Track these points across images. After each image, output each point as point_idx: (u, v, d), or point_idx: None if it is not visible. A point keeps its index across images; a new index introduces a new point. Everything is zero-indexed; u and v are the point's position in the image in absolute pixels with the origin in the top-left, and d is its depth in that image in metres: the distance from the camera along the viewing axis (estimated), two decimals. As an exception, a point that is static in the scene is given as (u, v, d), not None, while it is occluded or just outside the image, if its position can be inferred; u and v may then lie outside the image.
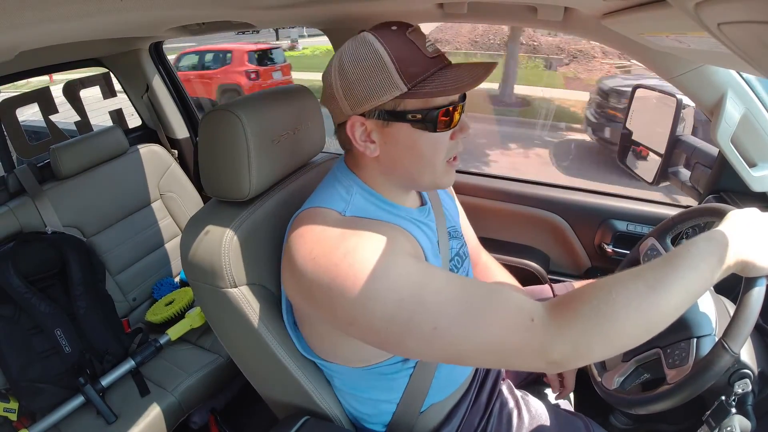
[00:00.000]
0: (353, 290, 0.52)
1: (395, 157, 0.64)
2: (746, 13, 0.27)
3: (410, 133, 0.61)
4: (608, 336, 0.50)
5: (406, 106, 0.59)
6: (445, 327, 0.52)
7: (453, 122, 0.62)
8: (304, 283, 0.57)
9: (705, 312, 0.71)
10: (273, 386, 0.83)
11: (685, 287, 0.51)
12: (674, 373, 0.65)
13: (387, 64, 0.57)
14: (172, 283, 1.63)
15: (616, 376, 0.74)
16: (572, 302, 0.52)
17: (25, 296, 1.15)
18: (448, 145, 0.64)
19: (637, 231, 1.23)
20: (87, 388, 1.14)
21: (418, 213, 0.72)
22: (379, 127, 0.62)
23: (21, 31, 0.62)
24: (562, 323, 0.51)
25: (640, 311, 0.50)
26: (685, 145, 1.02)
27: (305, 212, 0.64)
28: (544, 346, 0.50)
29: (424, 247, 0.66)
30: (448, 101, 0.61)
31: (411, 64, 0.58)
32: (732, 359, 0.57)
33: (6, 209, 1.30)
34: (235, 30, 1.26)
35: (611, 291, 0.51)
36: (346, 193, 0.65)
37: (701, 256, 0.53)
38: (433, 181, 0.66)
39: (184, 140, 1.86)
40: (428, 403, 0.77)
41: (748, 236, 0.57)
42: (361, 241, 0.56)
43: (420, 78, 0.58)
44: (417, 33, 0.61)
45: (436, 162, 0.64)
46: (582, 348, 0.50)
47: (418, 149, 0.62)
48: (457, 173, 0.71)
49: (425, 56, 0.59)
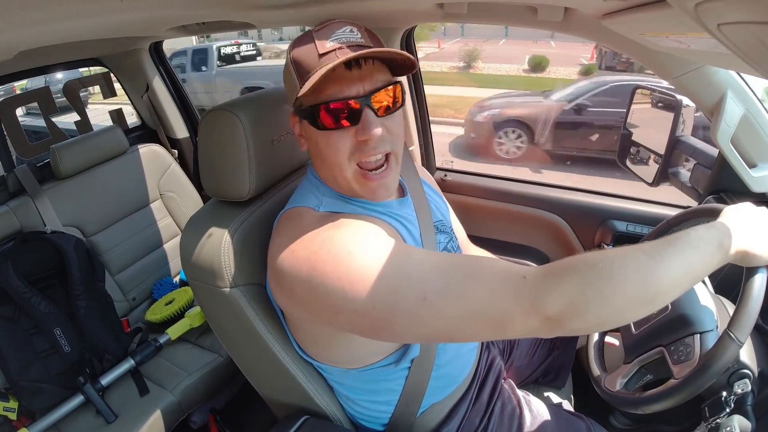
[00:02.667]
0: (333, 275, 0.52)
1: (314, 155, 0.67)
2: (746, 14, 0.27)
3: (309, 130, 0.63)
4: (605, 296, 0.48)
5: (304, 104, 0.61)
6: (433, 297, 0.50)
7: (341, 120, 0.59)
8: (284, 280, 0.57)
9: (706, 308, 0.71)
10: (272, 386, 0.83)
11: (684, 264, 0.51)
12: (680, 369, 0.65)
13: (290, 65, 0.61)
14: (172, 283, 1.63)
15: (620, 378, 0.74)
16: (567, 261, 0.51)
17: (24, 296, 1.15)
18: (349, 145, 0.61)
19: (636, 231, 1.23)
20: (87, 388, 1.14)
21: (397, 205, 0.71)
22: (303, 126, 0.65)
23: (21, 30, 0.62)
24: (557, 277, 0.49)
25: (638, 275, 0.48)
26: (685, 146, 1.02)
27: (283, 215, 0.66)
28: (538, 300, 0.48)
29: (404, 236, 0.67)
30: (333, 96, 0.58)
31: (303, 63, 0.59)
32: (739, 348, 0.58)
33: (6, 209, 1.30)
34: (235, 30, 1.26)
35: (608, 255, 0.50)
36: (318, 191, 0.67)
37: (701, 239, 0.53)
38: (348, 184, 0.64)
39: (184, 140, 1.86)
40: (428, 403, 0.77)
41: (746, 228, 0.58)
42: (338, 229, 0.57)
43: (308, 75, 0.58)
44: (325, 29, 0.60)
45: (340, 162, 0.62)
46: (578, 303, 0.48)
47: (318, 146, 0.63)
48: (456, 173, 0.71)
49: (316, 53, 0.58)
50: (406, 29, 1.22)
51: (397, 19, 1.12)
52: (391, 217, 0.68)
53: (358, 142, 0.60)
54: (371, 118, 0.59)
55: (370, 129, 0.59)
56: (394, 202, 0.71)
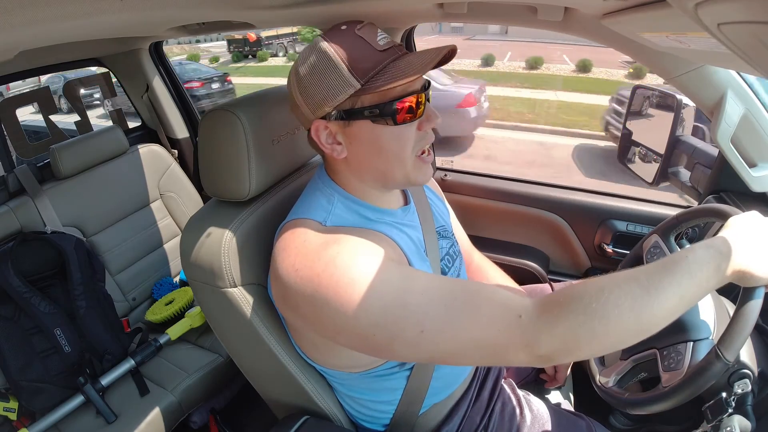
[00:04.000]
0: (336, 300, 0.53)
1: (362, 156, 0.63)
2: (746, 14, 0.27)
3: (372, 129, 0.60)
4: (597, 334, 0.49)
5: (363, 103, 0.59)
6: (431, 329, 0.52)
7: (416, 113, 0.61)
8: (289, 296, 0.57)
9: (704, 315, 0.70)
10: (272, 386, 0.83)
11: (679, 293, 0.51)
12: (668, 377, 0.65)
13: (338, 64, 0.57)
14: (172, 283, 1.63)
15: (614, 374, 0.74)
16: (562, 299, 0.52)
17: (24, 296, 1.15)
18: (415, 136, 0.63)
19: (636, 231, 1.23)
20: (87, 388, 1.14)
21: (402, 213, 0.71)
22: (341, 128, 0.62)
23: (21, 30, 0.62)
24: (550, 319, 0.50)
25: (631, 312, 0.49)
26: (685, 146, 1.02)
27: (288, 224, 0.64)
28: (531, 341, 0.50)
29: (407, 251, 0.66)
30: (407, 91, 0.59)
31: (361, 60, 0.58)
32: (725, 367, 0.57)
33: (6, 209, 1.30)
34: (235, 30, 1.26)
35: (603, 290, 0.50)
36: (327, 202, 0.65)
37: (698, 264, 0.53)
38: (406, 177, 0.65)
39: (184, 140, 1.86)
40: (429, 403, 0.77)
41: (748, 245, 0.56)
42: (341, 250, 0.56)
43: (372, 72, 0.58)
44: (367, 28, 0.60)
45: (404, 156, 0.63)
46: (570, 344, 0.50)
47: (382, 145, 0.61)
48: (456, 173, 0.71)
49: (376, 50, 0.59)
50: (407, 29, 1.22)
51: (398, 19, 1.12)
52: (397, 228, 0.68)
53: (421, 132, 0.63)
54: (432, 108, 0.63)
55: (436, 117, 0.63)
56: (399, 210, 0.71)
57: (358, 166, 0.65)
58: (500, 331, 0.51)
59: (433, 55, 0.57)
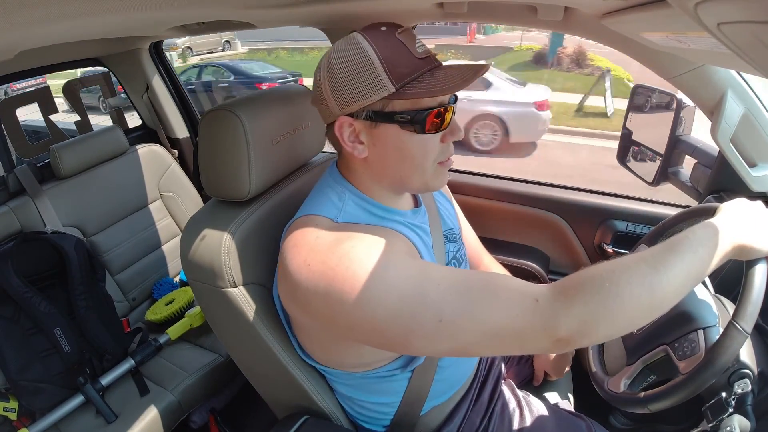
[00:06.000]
0: (352, 294, 0.52)
1: (384, 159, 0.63)
2: (746, 13, 0.27)
3: (399, 134, 0.60)
4: (613, 313, 0.50)
5: (395, 107, 0.59)
6: (449, 319, 0.51)
7: (443, 124, 0.61)
8: (300, 293, 0.56)
9: (706, 304, 0.72)
10: (272, 386, 0.83)
11: (685, 269, 0.53)
12: (687, 364, 0.65)
13: (375, 64, 0.57)
14: (172, 283, 1.63)
15: (624, 379, 0.73)
16: (577, 281, 0.53)
17: (24, 296, 1.15)
18: (439, 147, 0.63)
19: (636, 231, 1.23)
20: (87, 388, 1.14)
21: (412, 215, 0.71)
22: (367, 128, 0.61)
23: (21, 30, 0.62)
24: (567, 301, 0.51)
25: (643, 289, 0.50)
26: (685, 145, 1.02)
27: (298, 221, 0.63)
28: (549, 324, 0.50)
29: (419, 249, 0.66)
30: (438, 102, 0.60)
31: (399, 65, 0.57)
32: (745, 339, 0.58)
33: (6, 209, 1.30)
34: (235, 30, 1.26)
35: (614, 270, 0.52)
36: (338, 199, 0.65)
37: (699, 241, 0.55)
38: (424, 184, 0.65)
39: (184, 140, 1.86)
40: (429, 405, 0.77)
41: (742, 222, 0.59)
42: (355, 244, 0.55)
43: (408, 79, 0.57)
44: (407, 33, 0.60)
45: (426, 164, 0.63)
46: (588, 325, 0.50)
47: (406, 151, 0.61)
48: (457, 173, 0.71)
49: (414, 57, 0.59)
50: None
51: (398, 19, 1.11)
52: (408, 227, 0.68)
53: (444, 145, 0.64)
54: (456, 119, 0.63)
55: (459, 131, 0.64)
56: (409, 212, 0.71)
57: (377, 168, 0.64)
58: (518, 315, 0.51)
59: (471, 72, 0.58)
